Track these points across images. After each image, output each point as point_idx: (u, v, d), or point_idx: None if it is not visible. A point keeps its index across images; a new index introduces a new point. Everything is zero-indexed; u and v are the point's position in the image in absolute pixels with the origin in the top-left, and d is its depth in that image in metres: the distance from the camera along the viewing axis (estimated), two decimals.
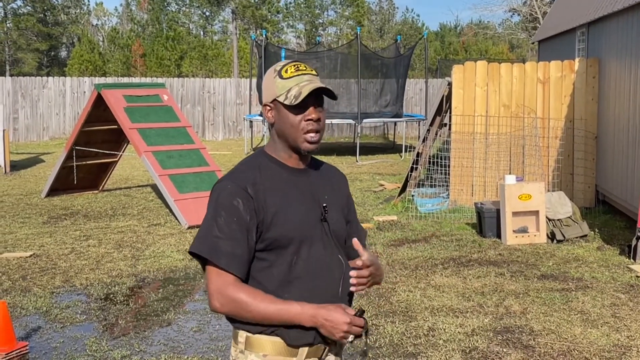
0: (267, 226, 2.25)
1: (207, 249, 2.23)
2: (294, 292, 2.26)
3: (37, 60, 50.85)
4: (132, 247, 8.37)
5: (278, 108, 2.31)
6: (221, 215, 2.24)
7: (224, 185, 2.28)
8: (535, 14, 34.96)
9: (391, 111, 19.32)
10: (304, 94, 2.25)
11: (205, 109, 23.44)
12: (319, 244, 2.32)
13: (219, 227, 2.23)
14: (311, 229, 2.31)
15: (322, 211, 2.35)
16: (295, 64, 2.33)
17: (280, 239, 2.26)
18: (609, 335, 5.41)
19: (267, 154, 2.38)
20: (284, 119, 2.30)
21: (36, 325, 5.75)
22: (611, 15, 9.78)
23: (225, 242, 2.22)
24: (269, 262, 2.28)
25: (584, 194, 10.51)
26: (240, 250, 2.23)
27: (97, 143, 11.53)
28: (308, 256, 2.29)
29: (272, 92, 2.32)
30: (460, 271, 7.24)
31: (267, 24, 46.86)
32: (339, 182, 2.53)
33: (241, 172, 2.32)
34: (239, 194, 2.24)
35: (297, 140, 2.30)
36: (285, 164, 2.36)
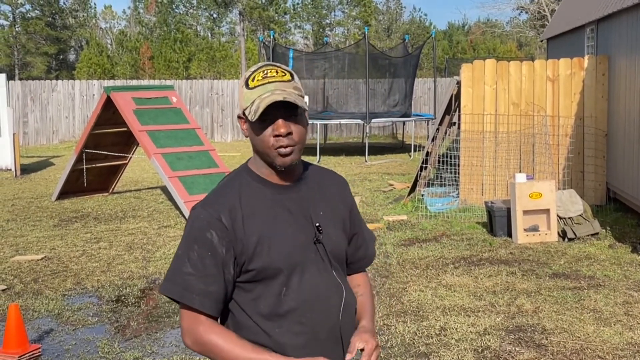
0: (249, 257, 2.02)
1: (179, 288, 2.02)
2: (286, 327, 2.04)
3: (46, 64, 51.06)
4: (142, 249, 8.39)
5: (248, 121, 2.06)
6: (193, 249, 2.01)
7: (198, 214, 2.05)
8: (544, 11, 34.85)
9: (400, 111, 19.30)
10: (261, 109, 1.98)
11: (213, 111, 23.48)
12: (313, 270, 2.08)
13: (191, 263, 2.01)
14: (302, 254, 2.07)
15: (316, 232, 2.09)
16: (265, 69, 2.05)
17: (266, 269, 2.02)
18: (622, 333, 5.38)
19: (250, 170, 2.14)
20: (253, 133, 2.06)
21: (48, 328, 5.77)
22: (620, 11, 9.73)
23: (197, 280, 2.00)
24: (255, 294, 2.05)
25: (595, 191, 10.46)
26: (214, 287, 2.01)
27: (107, 146, 11.57)
28: (300, 285, 2.05)
29: (241, 104, 2.07)
30: (471, 270, 7.22)
31: (275, 25, 46.91)
32: (338, 191, 2.26)
33: (218, 196, 2.08)
34: (213, 224, 2.01)
35: (270, 156, 2.04)
36: (269, 180, 2.10)
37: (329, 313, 2.09)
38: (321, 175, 2.25)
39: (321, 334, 2.07)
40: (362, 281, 2.33)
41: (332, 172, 2.33)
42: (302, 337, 2.05)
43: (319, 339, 2.07)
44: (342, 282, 2.16)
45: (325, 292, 2.09)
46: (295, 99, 2.01)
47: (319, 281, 2.09)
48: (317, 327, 2.06)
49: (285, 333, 2.04)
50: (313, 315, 2.06)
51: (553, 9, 33.37)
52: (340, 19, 56.13)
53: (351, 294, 2.20)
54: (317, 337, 2.07)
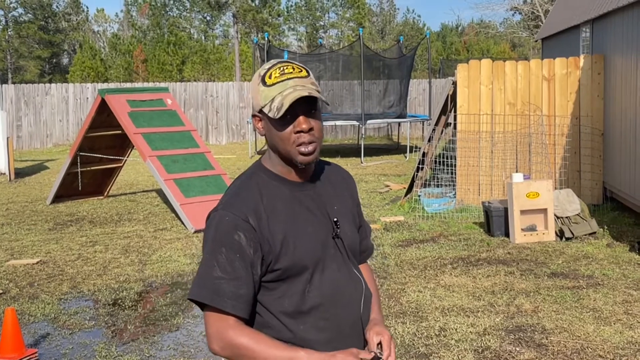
0: (276, 256, 2.02)
1: (210, 293, 1.99)
2: (310, 323, 2.05)
3: (39, 67, 50.95)
4: (138, 252, 8.34)
5: (266, 118, 2.05)
6: (221, 252, 2.00)
7: (222, 217, 2.03)
8: (537, 12, 34.92)
9: (395, 112, 19.29)
10: (286, 106, 1.97)
11: (208, 113, 23.42)
12: (333, 265, 2.10)
13: (220, 267, 1.99)
14: (323, 250, 2.08)
15: (334, 227, 2.12)
16: (280, 66, 2.04)
17: (292, 268, 2.03)
18: (622, 332, 5.36)
19: (265, 168, 2.13)
20: (272, 132, 2.05)
21: (45, 332, 5.71)
22: (616, 10, 9.73)
23: (228, 283, 1.98)
24: (280, 292, 2.05)
25: (592, 191, 10.45)
26: (244, 290, 2.00)
27: (102, 149, 11.51)
28: (321, 282, 2.07)
29: (257, 102, 2.05)
30: (470, 270, 7.19)
31: (268, 27, 46.89)
32: (346, 185, 2.29)
33: (239, 197, 2.06)
34: (240, 226, 2.00)
35: (290, 153, 2.04)
36: (286, 178, 2.10)
37: (351, 307, 2.11)
38: (330, 170, 2.26)
39: (344, 329, 2.09)
40: (365, 273, 2.35)
41: (338, 166, 2.34)
42: (326, 333, 2.06)
43: (343, 333, 2.09)
44: (360, 276, 2.18)
45: (346, 287, 2.11)
46: (317, 94, 2.03)
47: (340, 276, 2.10)
48: (341, 322, 2.08)
49: (309, 329, 2.05)
50: (336, 310, 2.07)
51: (547, 10, 33.44)
52: (334, 21, 56.16)
53: (368, 288, 2.22)
54: (340, 331, 2.08)
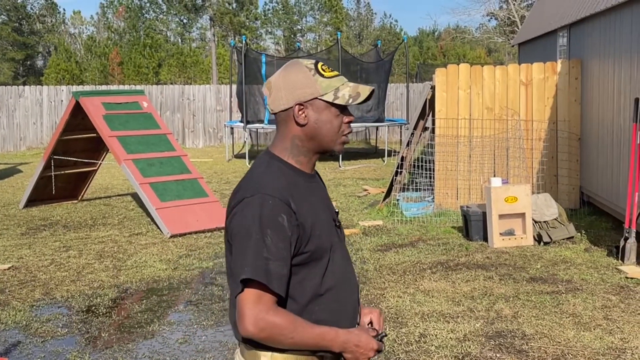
0: (306, 239, 2.13)
1: (261, 273, 2.05)
2: (324, 305, 2.18)
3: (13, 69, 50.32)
4: (113, 257, 8.19)
5: (318, 108, 2.16)
6: (267, 234, 2.07)
7: (264, 200, 2.09)
8: (513, 17, 35.17)
9: (373, 116, 19.26)
10: (364, 95, 2.15)
11: (185, 116, 23.24)
12: (338, 252, 2.26)
13: (267, 248, 2.06)
14: (333, 237, 2.24)
15: (335, 217, 2.30)
16: (323, 64, 2.21)
17: (317, 250, 2.15)
18: (603, 337, 5.34)
19: (280, 159, 2.21)
20: (324, 120, 2.17)
21: (16, 340, 5.57)
22: (593, 15, 9.77)
23: (275, 264, 2.06)
24: (301, 276, 2.15)
25: (569, 195, 10.48)
26: (286, 270, 2.09)
27: (76, 152, 11.32)
28: (334, 266, 2.21)
29: (313, 91, 2.14)
30: (449, 275, 7.15)
31: (246, 31, 46.74)
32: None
33: (273, 182, 2.14)
34: (283, 209, 2.09)
35: (335, 141, 2.20)
36: (301, 170, 2.23)
37: (352, 290, 2.29)
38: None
39: (349, 310, 2.26)
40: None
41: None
42: (336, 314, 2.20)
43: (347, 314, 2.25)
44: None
45: (349, 271, 2.30)
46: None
47: (343, 261, 2.27)
48: (347, 303, 2.25)
49: (323, 311, 2.17)
50: (345, 292, 2.24)
51: (522, 15, 33.69)
52: (312, 24, 56.16)
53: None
54: (346, 312, 2.24)
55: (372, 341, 2.15)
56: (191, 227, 9.32)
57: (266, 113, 18.42)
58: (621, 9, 8.64)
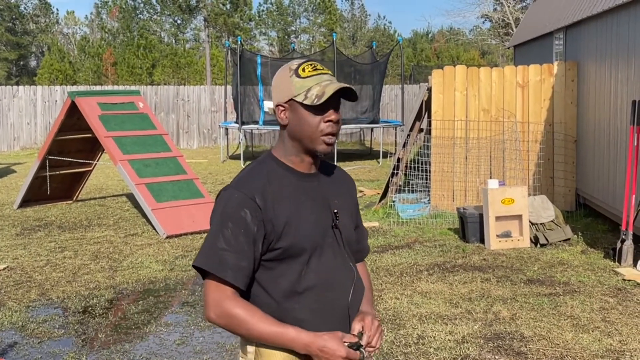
0: (278, 236, 2.16)
1: (213, 263, 2.15)
2: (303, 304, 2.19)
3: (6, 69, 50.13)
4: (109, 258, 8.15)
5: (294, 108, 2.20)
6: (228, 227, 2.15)
7: (231, 194, 2.19)
8: (508, 19, 35.23)
9: (368, 117, 19.26)
10: (328, 94, 2.14)
11: (179, 117, 23.18)
12: (329, 253, 2.25)
13: (225, 239, 2.14)
14: (322, 237, 2.24)
15: (334, 217, 2.28)
16: (311, 63, 2.22)
17: (291, 248, 2.17)
18: (601, 340, 5.34)
19: (275, 158, 2.27)
20: (301, 120, 2.19)
21: (12, 341, 5.53)
22: (590, 18, 9.79)
23: (231, 255, 2.14)
24: (278, 272, 2.20)
25: (565, 197, 10.49)
26: (245, 263, 2.15)
27: (71, 152, 11.27)
28: (318, 266, 2.22)
29: (288, 92, 2.19)
30: (446, 277, 7.14)
31: (240, 32, 46.67)
32: (349, 186, 2.47)
33: (249, 180, 2.21)
34: (247, 204, 2.15)
35: (315, 142, 2.20)
36: (295, 169, 2.26)
37: (341, 293, 2.25)
38: (333, 171, 2.42)
39: (334, 313, 2.22)
40: (361, 270, 2.48)
41: (343, 170, 2.51)
42: (317, 315, 2.19)
43: (333, 317, 2.22)
44: (354, 266, 2.33)
45: (339, 274, 2.25)
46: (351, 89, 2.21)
47: (334, 263, 2.25)
48: (332, 305, 2.22)
49: (302, 310, 2.17)
50: (328, 294, 2.21)
51: (517, 17, 33.76)
52: (306, 26, 56.14)
53: (360, 279, 2.36)
54: (331, 315, 2.21)
55: (340, 348, 2.09)
56: (187, 227, 9.28)
57: (261, 114, 18.39)
58: (618, 11, 8.66)
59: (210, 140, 23.46)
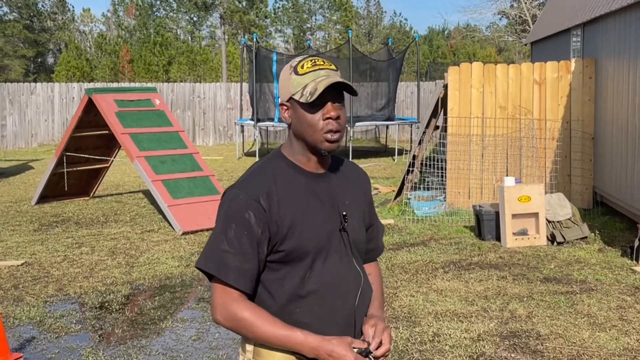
0: (282, 238, 2.11)
1: (215, 264, 2.12)
2: (306, 307, 2.14)
3: (24, 67, 50.51)
4: (125, 254, 8.20)
5: (294, 107, 2.15)
6: (231, 228, 2.10)
7: (235, 195, 2.13)
8: (525, 16, 35.02)
9: (383, 114, 19.23)
10: (320, 90, 2.07)
11: (195, 114, 23.27)
12: (335, 256, 2.18)
13: (228, 241, 2.10)
14: (328, 240, 2.17)
15: (342, 220, 2.21)
16: (312, 59, 2.15)
17: (295, 251, 2.12)
18: (618, 338, 5.30)
19: (284, 156, 2.22)
20: (301, 119, 2.14)
21: (30, 336, 5.58)
22: (608, 14, 9.71)
23: (234, 257, 2.10)
24: (282, 274, 2.15)
25: (582, 195, 10.42)
26: (249, 265, 2.11)
27: (88, 149, 11.34)
28: (322, 269, 2.16)
29: (288, 90, 2.15)
30: (462, 275, 7.12)
31: (255, 29, 46.74)
32: (361, 184, 2.38)
33: (254, 179, 2.17)
34: (251, 205, 2.10)
35: (317, 140, 2.13)
36: (304, 168, 2.20)
37: (347, 298, 2.19)
38: (346, 167, 2.35)
39: (339, 318, 2.17)
40: (372, 271, 2.44)
41: (356, 165, 2.43)
42: (320, 319, 2.14)
43: (336, 322, 2.17)
44: (361, 270, 2.26)
45: (345, 278, 2.19)
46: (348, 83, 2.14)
47: (340, 267, 2.19)
48: (336, 310, 2.16)
49: (305, 313, 2.13)
50: (333, 299, 2.16)
51: (534, 14, 33.55)
52: (321, 23, 56.13)
53: (368, 283, 2.30)
54: (334, 320, 2.16)
55: (349, 353, 2.05)
56: (203, 224, 9.32)
57: (276, 111, 18.41)
58: (637, 7, 8.58)
59: (226, 137, 23.53)
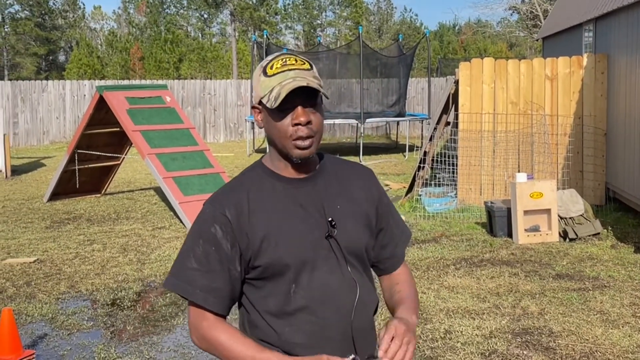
0: (256, 253, 1.95)
1: (182, 283, 1.97)
2: (295, 326, 1.96)
3: (36, 64, 50.73)
4: (137, 251, 8.22)
5: (264, 110, 1.98)
6: (199, 244, 1.97)
7: (204, 210, 2.01)
8: (536, 11, 34.85)
9: (394, 111, 19.19)
10: (283, 95, 1.88)
11: (206, 111, 23.30)
12: (324, 267, 1.98)
13: (195, 258, 1.97)
14: (313, 250, 1.97)
15: (328, 227, 1.98)
16: (283, 58, 1.96)
17: (273, 266, 1.95)
18: (632, 335, 5.27)
19: (262, 165, 2.06)
20: (270, 124, 1.96)
21: (42, 333, 5.60)
22: (620, 9, 9.64)
23: (202, 275, 1.96)
24: (265, 291, 1.99)
25: (594, 191, 10.36)
26: (218, 284, 1.96)
27: (99, 146, 11.38)
28: (309, 283, 1.97)
29: (257, 93, 1.97)
30: (473, 271, 7.09)
31: (266, 26, 46.74)
32: (362, 184, 2.14)
33: (225, 191, 2.03)
34: (218, 219, 1.96)
35: (286, 147, 1.95)
36: (282, 175, 2.02)
37: (341, 311, 1.99)
38: (342, 168, 2.14)
39: (333, 334, 1.98)
40: (400, 279, 2.21)
41: (355, 164, 2.21)
42: (313, 336, 1.97)
43: (331, 339, 1.98)
44: (358, 280, 2.03)
45: (337, 290, 1.99)
46: (317, 86, 1.92)
47: (330, 279, 1.99)
48: (329, 326, 1.98)
49: (295, 332, 1.96)
50: (324, 314, 1.97)
51: (545, 9, 33.38)
52: (332, 19, 56.06)
53: (368, 293, 2.07)
54: (328, 336, 1.98)
55: None
56: None
57: None
58: None
59: (236, 134, 23.55)
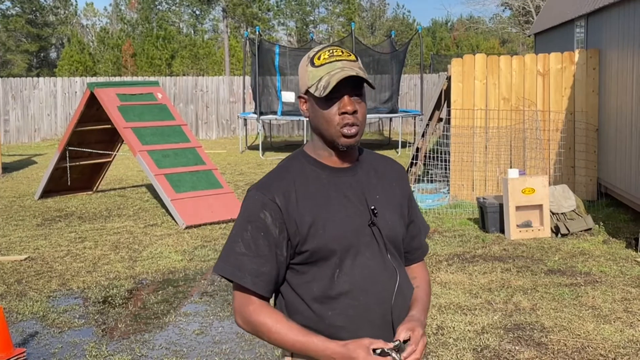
0: (303, 238, 2.04)
1: (231, 268, 2.06)
2: (338, 310, 2.05)
3: (27, 61, 50.48)
4: (129, 248, 8.20)
5: (311, 101, 2.08)
6: (247, 230, 2.05)
7: (252, 196, 2.08)
8: (528, 7, 34.90)
9: (387, 107, 19.18)
10: (332, 84, 1.99)
11: (198, 108, 23.23)
12: (366, 253, 2.08)
13: (244, 243, 2.05)
14: (356, 237, 2.07)
15: (371, 214, 2.09)
16: (330, 49, 2.07)
17: (319, 251, 2.04)
18: (623, 330, 5.28)
19: (306, 154, 2.15)
20: (317, 113, 2.06)
21: (33, 331, 5.57)
22: (612, 5, 9.65)
23: (250, 260, 2.04)
24: (309, 276, 2.07)
25: (586, 187, 10.38)
26: (266, 268, 2.05)
27: (91, 143, 11.33)
28: (352, 268, 2.06)
29: (304, 83, 2.08)
30: (466, 267, 7.10)
31: (258, 22, 46.65)
32: (396, 177, 2.25)
33: (272, 178, 2.11)
34: (267, 205, 2.04)
35: (333, 135, 2.05)
36: (325, 163, 2.12)
37: (382, 296, 2.08)
38: (378, 161, 2.25)
39: (374, 318, 2.07)
40: (418, 273, 2.32)
41: (390, 159, 2.32)
42: (354, 321, 2.05)
43: (372, 323, 2.06)
44: (397, 267, 2.14)
45: (379, 276, 2.09)
46: (364, 76, 2.04)
47: (373, 264, 2.09)
48: (370, 311, 2.06)
49: (337, 316, 2.04)
50: (366, 298, 2.06)
51: (537, 5, 33.42)
52: (324, 16, 56.00)
53: (407, 281, 2.18)
54: (370, 321, 2.06)
55: (367, 357, 1.95)
56: (206, 218, 9.30)
57: (279, 105, 18.38)
58: None
59: (229, 130, 23.50)
